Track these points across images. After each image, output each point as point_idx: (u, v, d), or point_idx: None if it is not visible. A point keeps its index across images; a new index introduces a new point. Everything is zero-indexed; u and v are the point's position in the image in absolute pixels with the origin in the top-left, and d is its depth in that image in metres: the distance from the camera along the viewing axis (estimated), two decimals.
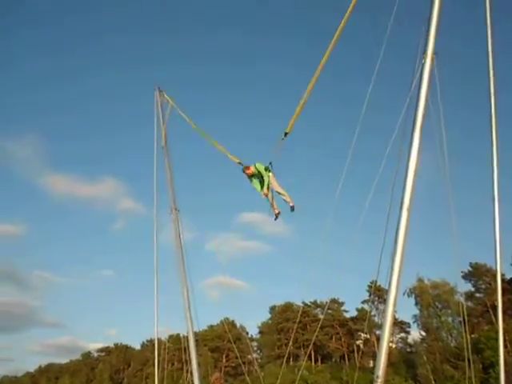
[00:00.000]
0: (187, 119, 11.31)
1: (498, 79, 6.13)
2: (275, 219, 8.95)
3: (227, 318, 66.89)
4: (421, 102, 5.51)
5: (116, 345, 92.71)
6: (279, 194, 8.77)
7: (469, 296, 55.20)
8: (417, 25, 6.32)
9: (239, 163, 9.15)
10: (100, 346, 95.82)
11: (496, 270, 6.31)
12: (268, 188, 8.58)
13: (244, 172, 8.92)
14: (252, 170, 8.75)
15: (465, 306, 39.44)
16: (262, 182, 8.70)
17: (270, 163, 8.64)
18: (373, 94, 6.47)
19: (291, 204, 8.72)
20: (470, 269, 57.18)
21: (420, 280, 56.32)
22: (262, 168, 8.67)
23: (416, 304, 57.25)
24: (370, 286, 61.96)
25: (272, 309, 75.30)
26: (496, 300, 7.01)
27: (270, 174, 8.66)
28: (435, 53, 5.80)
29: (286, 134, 7.97)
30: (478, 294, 57.62)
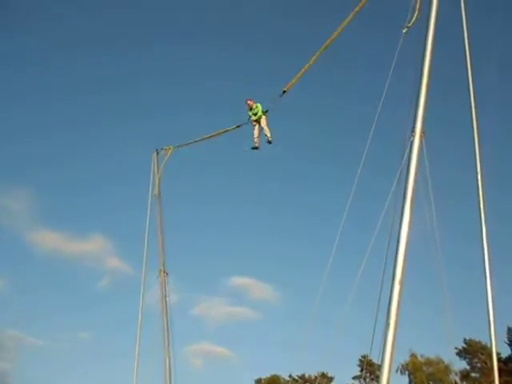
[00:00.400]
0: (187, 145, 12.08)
1: (483, 154, 6.41)
2: (251, 149, 10.87)
3: None
4: (410, 180, 5.71)
5: None
6: (264, 129, 10.66)
7: (464, 375, 52.72)
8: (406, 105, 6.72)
9: (238, 126, 11.05)
10: None
11: (492, 351, 6.14)
12: (258, 121, 10.61)
13: (246, 103, 10.93)
14: (252, 103, 10.82)
15: None
16: (255, 115, 10.68)
17: (267, 110, 10.60)
18: (363, 172, 6.73)
19: (270, 139, 10.66)
20: (465, 345, 55.22)
21: (413, 356, 54.00)
22: (260, 107, 10.65)
23: (410, 383, 54.41)
24: (361, 361, 59.16)
25: (257, 382, 70.95)
26: (493, 381, 6.71)
27: (264, 116, 10.59)
28: (423, 131, 6.11)
29: (284, 91, 9.42)
30: (473, 374, 55.10)
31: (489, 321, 5.79)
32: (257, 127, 10.83)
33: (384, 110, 6.94)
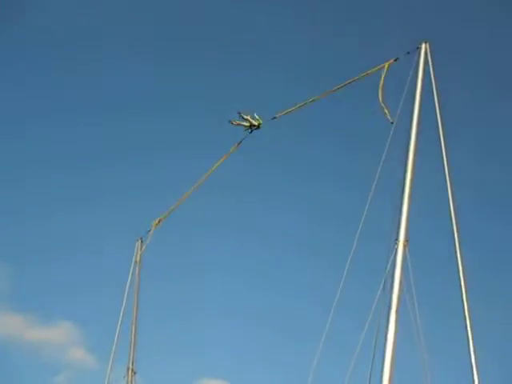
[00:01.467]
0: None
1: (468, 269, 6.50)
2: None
3: None
4: (395, 288, 5.77)
5: None
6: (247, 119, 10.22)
7: None
8: (390, 210, 6.95)
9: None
10: None
11: None
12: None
13: (239, 117, 10.48)
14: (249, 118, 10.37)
15: None
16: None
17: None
18: (348, 274, 6.75)
19: (255, 123, 10.14)
20: None
21: None
22: (259, 116, 10.28)
23: None
24: None
25: None
26: None
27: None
28: (407, 240, 6.29)
29: (274, 117, 9.75)
30: None
31: None
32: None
33: (371, 211, 7.14)
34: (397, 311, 5.66)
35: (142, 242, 13.14)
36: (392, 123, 7.59)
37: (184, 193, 11.92)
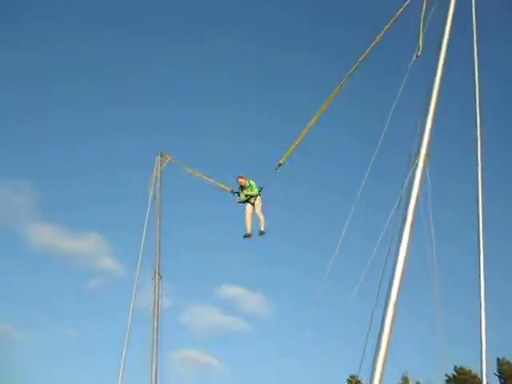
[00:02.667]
0: (185, 168, 11.95)
1: (487, 181, 6.39)
2: (244, 237, 9.52)
3: None
4: (411, 204, 5.70)
5: None
6: (258, 215, 9.41)
7: None
8: (412, 125, 6.71)
9: (232, 191, 9.91)
10: None
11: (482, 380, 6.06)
12: (249, 201, 9.33)
13: (237, 181, 9.65)
14: (245, 182, 9.51)
15: None
16: (247, 196, 9.44)
17: (262, 188, 9.41)
18: (365, 190, 6.73)
19: (263, 229, 9.38)
20: (455, 373, 54.62)
21: (405, 380, 53.48)
22: (254, 186, 9.42)
23: None
24: (349, 381, 58.46)
25: None
26: None
27: (259, 196, 9.38)
28: (428, 155, 6.11)
29: (279, 164, 8.68)
30: None
31: (481, 352, 5.72)
32: (249, 208, 9.44)
33: (393, 129, 6.93)
34: (412, 226, 5.69)
35: (161, 155, 13.39)
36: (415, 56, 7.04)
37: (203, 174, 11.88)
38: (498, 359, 52.54)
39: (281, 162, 8.63)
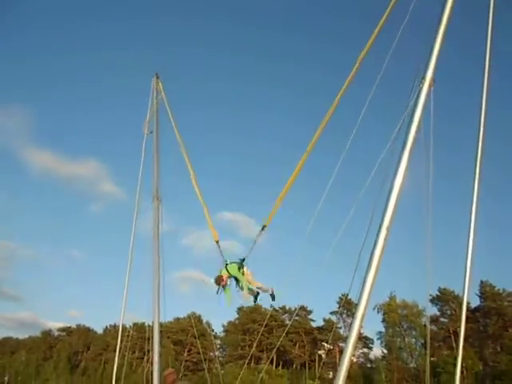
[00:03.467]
0: (179, 139, 11.33)
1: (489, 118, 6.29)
2: (273, 300, 8.19)
3: (194, 313, 66.73)
4: (413, 124, 5.62)
5: (78, 326, 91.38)
6: (259, 289, 8.06)
7: (433, 320, 56.38)
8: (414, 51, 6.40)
9: (217, 241, 8.74)
10: (61, 325, 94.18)
11: (463, 299, 6.47)
12: (248, 289, 7.79)
13: (219, 284, 7.90)
14: (225, 277, 7.87)
15: (429, 331, 40.20)
16: (238, 282, 7.93)
17: (243, 260, 7.97)
18: (363, 121, 6.58)
19: (270, 293, 8.12)
20: (438, 293, 58.37)
21: (392, 298, 57.27)
22: (235, 269, 7.89)
23: (383, 321, 58.16)
24: (340, 299, 62.67)
25: (239, 309, 75.48)
26: (459, 327, 7.16)
27: (245, 270, 7.92)
28: (433, 79, 5.92)
29: (264, 226, 7.65)
30: (442, 319, 58.90)
31: (465, 272, 6.05)
32: (245, 292, 7.79)
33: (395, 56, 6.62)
34: (410, 151, 5.67)
35: (157, 77, 12.91)
36: None
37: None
38: (482, 281, 55.89)
39: (265, 224, 7.62)
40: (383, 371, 53.11)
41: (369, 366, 62.39)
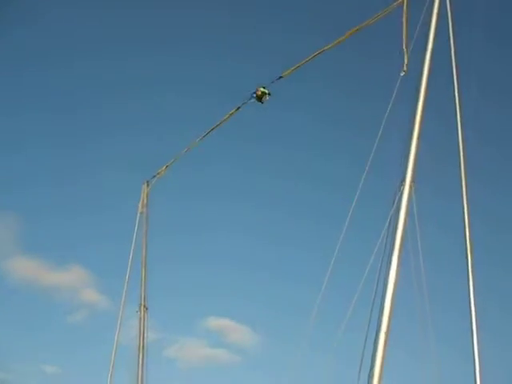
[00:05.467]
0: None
1: (473, 211, 6.45)
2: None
3: None
4: (399, 229, 5.74)
5: None
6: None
7: None
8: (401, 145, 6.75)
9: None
10: None
11: None
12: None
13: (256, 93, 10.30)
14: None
15: None
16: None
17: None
18: (354, 211, 6.73)
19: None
20: None
21: None
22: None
23: None
24: None
25: None
26: None
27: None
28: (413, 181, 6.19)
29: (280, 77, 9.53)
30: None
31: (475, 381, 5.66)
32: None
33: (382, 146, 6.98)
34: (400, 251, 5.69)
35: (148, 185, 13.26)
36: (403, 72, 7.23)
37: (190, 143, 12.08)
38: None
39: (283, 74, 9.56)
40: None
41: None
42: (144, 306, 11.58)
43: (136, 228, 12.27)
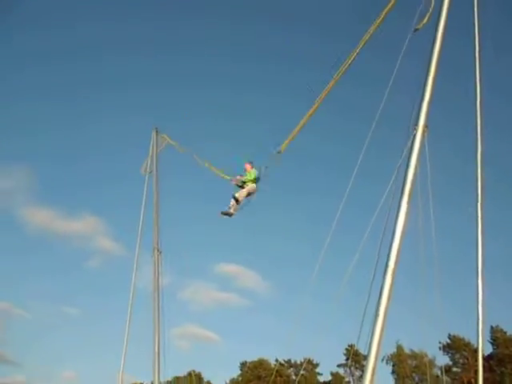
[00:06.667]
0: (181, 150, 11.72)
1: (486, 153, 6.38)
2: (221, 213, 9.53)
3: (194, 371, 63.52)
4: (409, 173, 5.68)
5: None
6: (241, 193, 9.39)
7: (446, 370, 53.77)
8: (411, 96, 6.61)
9: (230, 179, 9.85)
10: None
11: (478, 350, 6.21)
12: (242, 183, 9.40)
13: (245, 165, 9.76)
14: (250, 169, 9.65)
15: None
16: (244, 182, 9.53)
17: (259, 178, 9.40)
18: (363, 161, 6.68)
19: (228, 208, 9.40)
20: (449, 341, 56.19)
21: (399, 348, 55.02)
22: (254, 175, 9.53)
23: (393, 373, 55.48)
24: (347, 350, 60.11)
25: (243, 364, 71.93)
26: (473, 377, 6.80)
27: (254, 185, 9.43)
28: (426, 125, 6.07)
29: (279, 152, 8.71)
30: (455, 369, 56.23)
31: (477, 320, 5.85)
32: (240, 192, 9.46)
33: (391, 99, 6.83)
34: (409, 196, 5.69)
35: (157, 131, 13.26)
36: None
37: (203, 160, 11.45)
38: (492, 327, 54.00)
39: (281, 149, 8.61)
40: None
41: None
42: (158, 250, 11.97)
43: (147, 174, 12.42)
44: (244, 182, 9.52)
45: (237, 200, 9.41)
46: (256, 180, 9.49)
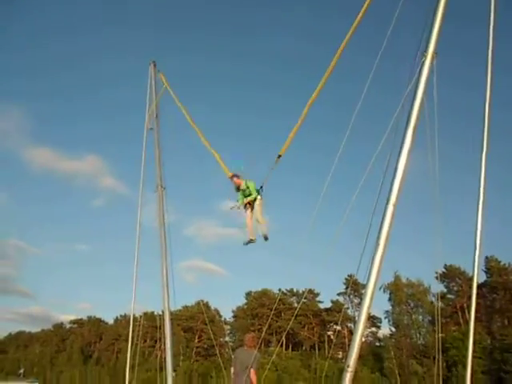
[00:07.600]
0: (183, 110, 11.18)
1: (494, 90, 6.17)
2: (246, 244, 8.40)
3: (202, 300, 67.46)
4: (417, 98, 5.53)
5: (89, 318, 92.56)
6: (258, 219, 8.26)
7: (441, 297, 56.69)
8: (415, 26, 6.27)
9: (230, 177, 8.78)
10: (73, 318, 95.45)
11: (473, 276, 6.45)
12: (250, 203, 8.27)
13: (231, 179, 8.61)
14: (241, 183, 8.46)
15: (439, 308, 40.43)
16: (247, 197, 8.37)
17: (261, 187, 8.29)
18: (367, 97, 6.47)
19: (266, 233, 8.25)
20: (444, 270, 58.60)
21: (397, 277, 57.62)
22: (252, 187, 8.33)
23: (389, 300, 58.58)
24: (347, 280, 63.04)
25: (248, 294, 76.05)
26: (466, 302, 7.16)
27: (259, 197, 8.29)
28: (435, 52, 5.80)
29: (279, 156, 7.81)
30: (449, 295, 59.23)
31: (474, 250, 6.01)
32: (249, 212, 8.29)
33: (397, 30, 6.48)
34: (415, 128, 5.59)
35: (155, 65, 12.74)
36: None
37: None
38: (487, 257, 56.00)
39: (280, 153, 7.83)
40: (392, 349, 53.69)
41: (377, 344, 63.07)
42: (161, 186, 12.05)
43: (147, 109, 12.16)
44: (250, 198, 8.34)
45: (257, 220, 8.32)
46: (259, 191, 8.35)
